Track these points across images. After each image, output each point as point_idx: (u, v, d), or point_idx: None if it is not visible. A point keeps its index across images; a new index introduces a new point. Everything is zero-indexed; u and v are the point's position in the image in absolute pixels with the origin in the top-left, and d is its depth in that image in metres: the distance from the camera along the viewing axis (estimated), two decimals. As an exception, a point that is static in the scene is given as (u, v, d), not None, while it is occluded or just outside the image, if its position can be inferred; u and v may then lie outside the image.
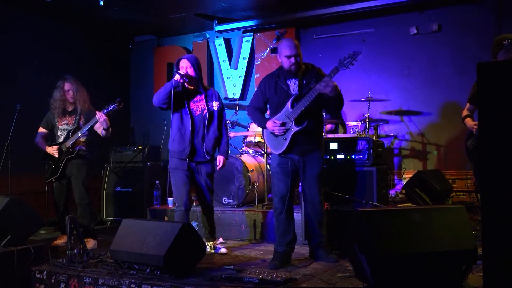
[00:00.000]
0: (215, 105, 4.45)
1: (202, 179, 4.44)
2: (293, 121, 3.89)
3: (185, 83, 4.31)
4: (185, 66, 4.34)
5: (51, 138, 5.16)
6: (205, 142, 4.38)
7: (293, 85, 3.96)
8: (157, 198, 6.29)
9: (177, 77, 4.24)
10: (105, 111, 4.80)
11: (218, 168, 4.52)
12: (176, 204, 4.44)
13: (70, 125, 5.00)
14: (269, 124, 3.96)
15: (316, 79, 3.87)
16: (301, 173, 4.02)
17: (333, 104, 3.92)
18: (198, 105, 4.41)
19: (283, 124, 3.91)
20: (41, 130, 5.15)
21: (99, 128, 4.91)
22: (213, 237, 4.61)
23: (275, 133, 3.94)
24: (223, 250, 4.56)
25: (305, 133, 3.91)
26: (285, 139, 3.92)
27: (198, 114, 4.39)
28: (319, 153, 4.04)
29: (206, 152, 4.38)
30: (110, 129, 4.95)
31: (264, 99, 4.11)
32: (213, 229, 4.61)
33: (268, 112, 4.22)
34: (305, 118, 3.88)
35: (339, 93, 3.83)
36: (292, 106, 3.90)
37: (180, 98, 4.35)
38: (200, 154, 4.39)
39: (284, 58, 3.90)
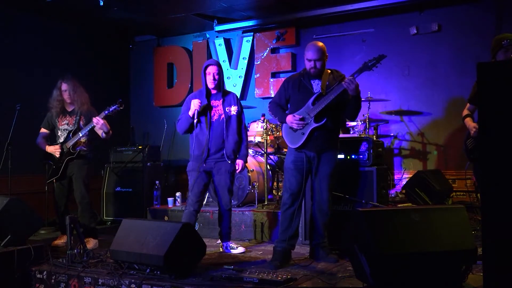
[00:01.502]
0: (233, 109, 4.51)
1: (221, 177, 4.47)
2: (313, 118, 3.96)
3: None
4: (212, 72, 4.45)
5: (51, 138, 5.16)
6: (225, 147, 4.45)
7: (316, 85, 4.05)
8: (157, 198, 6.29)
9: (191, 112, 4.39)
10: (106, 112, 4.80)
11: (237, 172, 4.57)
12: (187, 203, 4.51)
13: (71, 125, 5.00)
14: (289, 118, 4.03)
15: (338, 83, 3.95)
16: (313, 170, 4.07)
17: (351, 105, 3.99)
18: (216, 110, 4.49)
19: (302, 119, 3.97)
20: (42, 130, 5.15)
21: (99, 131, 4.90)
22: (225, 238, 4.61)
23: (294, 127, 4.00)
24: (240, 250, 4.58)
25: (323, 130, 3.98)
26: (303, 133, 3.99)
27: (215, 119, 4.47)
28: (334, 152, 4.11)
29: (227, 157, 4.45)
30: (111, 131, 4.95)
31: (286, 97, 4.18)
32: (225, 229, 4.60)
33: (288, 111, 4.25)
34: (324, 116, 3.94)
35: (358, 94, 3.92)
36: (313, 104, 3.97)
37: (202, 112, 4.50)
38: (216, 155, 4.46)
39: (306, 60, 4.03)
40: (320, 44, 4.06)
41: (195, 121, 4.40)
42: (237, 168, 4.56)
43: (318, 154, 4.03)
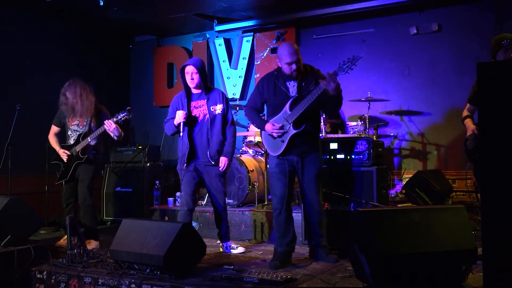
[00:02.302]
0: (218, 108, 4.42)
1: (211, 181, 4.45)
2: (291, 124, 3.87)
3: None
4: (190, 72, 4.35)
5: (62, 136, 5.12)
6: (209, 146, 4.39)
7: (292, 87, 3.94)
8: (157, 198, 6.29)
9: (176, 122, 4.36)
10: (114, 119, 4.78)
11: (220, 169, 4.43)
12: (181, 203, 4.49)
13: (81, 127, 4.98)
14: (267, 126, 3.95)
15: (316, 82, 3.86)
16: (299, 174, 4.02)
17: (331, 103, 3.90)
18: (200, 111, 4.44)
19: (281, 127, 3.90)
20: (54, 128, 5.13)
21: (111, 133, 4.89)
22: (224, 238, 4.61)
23: (273, 135, 3.94)
24: (240, 250, 4.58)
25: (303, 135, 3.90)
26: (283, 141, 3.91)
27: (200, 120, 4.42)
28: (317, 154, 4.06)
29: (210, 157, 4.39)
30: (123, 133, 4.95)
31: (262, 100, 4.10)
32: (223, 230, 4.58)
33: (265, 113, 4.21)
34: (303, 121, 3.86)
35: (339, 93, 3.82)
36: (291, 109, 3.88)
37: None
38: (204, 158, 4.41)
39: (285, 65, 3.87)
40: (293, 43, 3.96)
41: (180, 130, 4.36)
42: (220, 165, 4.42)
43: (301, 158, 3.97)
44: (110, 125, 4.74)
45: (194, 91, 4.47)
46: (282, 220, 4.03)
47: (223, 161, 4.43)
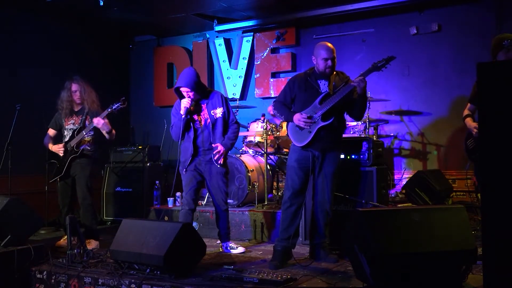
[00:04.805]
0: (218, 111, 4.44)
1: (213, 180, 4.45)
2: (320, 117, 3.97)
3: (191, 108, 4.40)
4: (185, 91, 4.36)
5: (59, 138, 5.14)
6: (213, 150, 4.41)
7: (323, 85, 4.06)
8: (157, 198, 6.29)
9: (182, 111, 4.34)
10: (108, 110, 4.80)
11: (215, 158, 4.40)
12: (183, 203, 4.50)
13: (76, 125, 4.99)
14: (296, 116, 4.02)
15: (345, 84, 3.97)
16: (316, 170, 4.07)
17: (358, 104, 4.01)
18: (202, 115, 4.45)
19: (310, 118, 3.98)
20: (50, 131, 5.15)
21: (102, 131, 4.90)
22: (224, 239, 4.61)
23: (301, 125, 4.00)
24: (240, 250, 4.58)
25: (329, 129, 3.99)
26: (310, 132, 3.99)
27: (202, 125, 4.44)
28: (338, 152, 4.15)
29: (216, 161, 4.41)
30: (114, 131, 4.94)
31: (292, 96, 4.17)
32: (224, 230, 4.59)
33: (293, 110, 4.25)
34: (332, 115, 3.96)
35: (364, 93, 3.95)
36: (321, 103, 3.98)
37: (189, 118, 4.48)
38: (205, 157, 4.43)
39: (321, 60, 4.00)
40: (329, 43, 4.10)
41: (183, 117, 4.33)
42: (214, 152, 4.39)
43: (323, 153, 4.04)
44: (98, 122, 4.76)
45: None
46: (290, 213, 4.07)
47: (218, 147, 4.40)
